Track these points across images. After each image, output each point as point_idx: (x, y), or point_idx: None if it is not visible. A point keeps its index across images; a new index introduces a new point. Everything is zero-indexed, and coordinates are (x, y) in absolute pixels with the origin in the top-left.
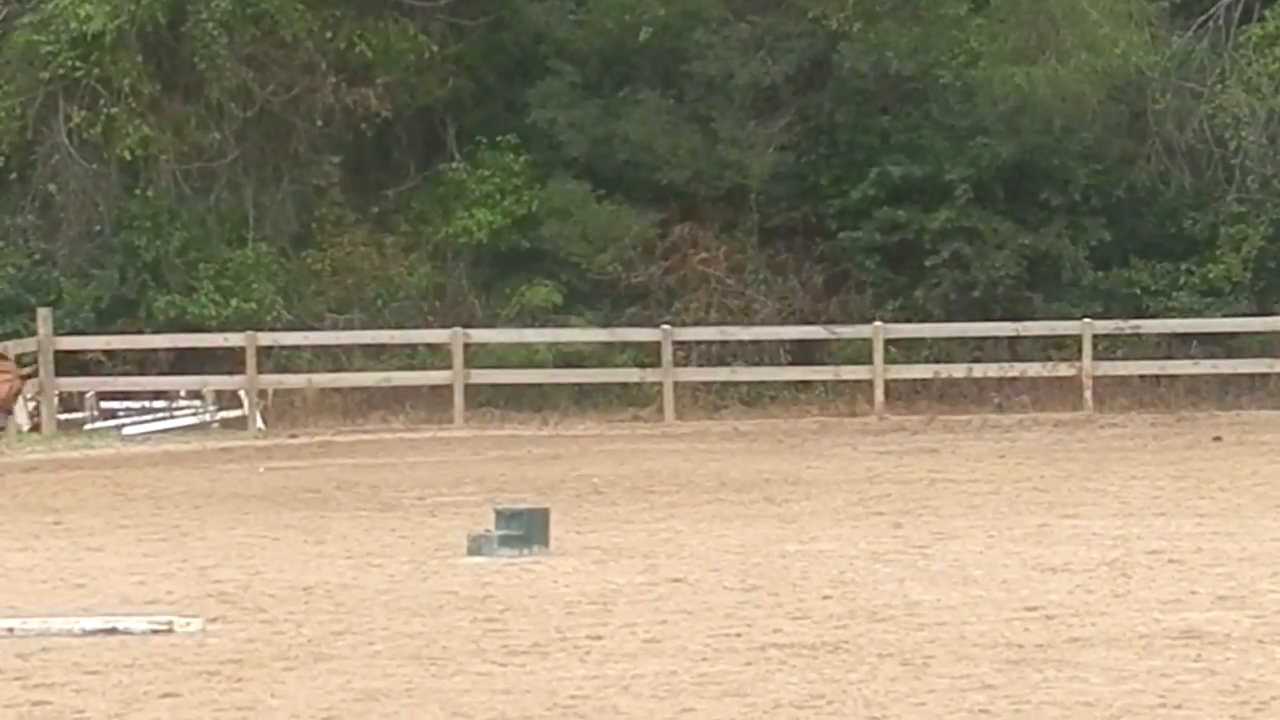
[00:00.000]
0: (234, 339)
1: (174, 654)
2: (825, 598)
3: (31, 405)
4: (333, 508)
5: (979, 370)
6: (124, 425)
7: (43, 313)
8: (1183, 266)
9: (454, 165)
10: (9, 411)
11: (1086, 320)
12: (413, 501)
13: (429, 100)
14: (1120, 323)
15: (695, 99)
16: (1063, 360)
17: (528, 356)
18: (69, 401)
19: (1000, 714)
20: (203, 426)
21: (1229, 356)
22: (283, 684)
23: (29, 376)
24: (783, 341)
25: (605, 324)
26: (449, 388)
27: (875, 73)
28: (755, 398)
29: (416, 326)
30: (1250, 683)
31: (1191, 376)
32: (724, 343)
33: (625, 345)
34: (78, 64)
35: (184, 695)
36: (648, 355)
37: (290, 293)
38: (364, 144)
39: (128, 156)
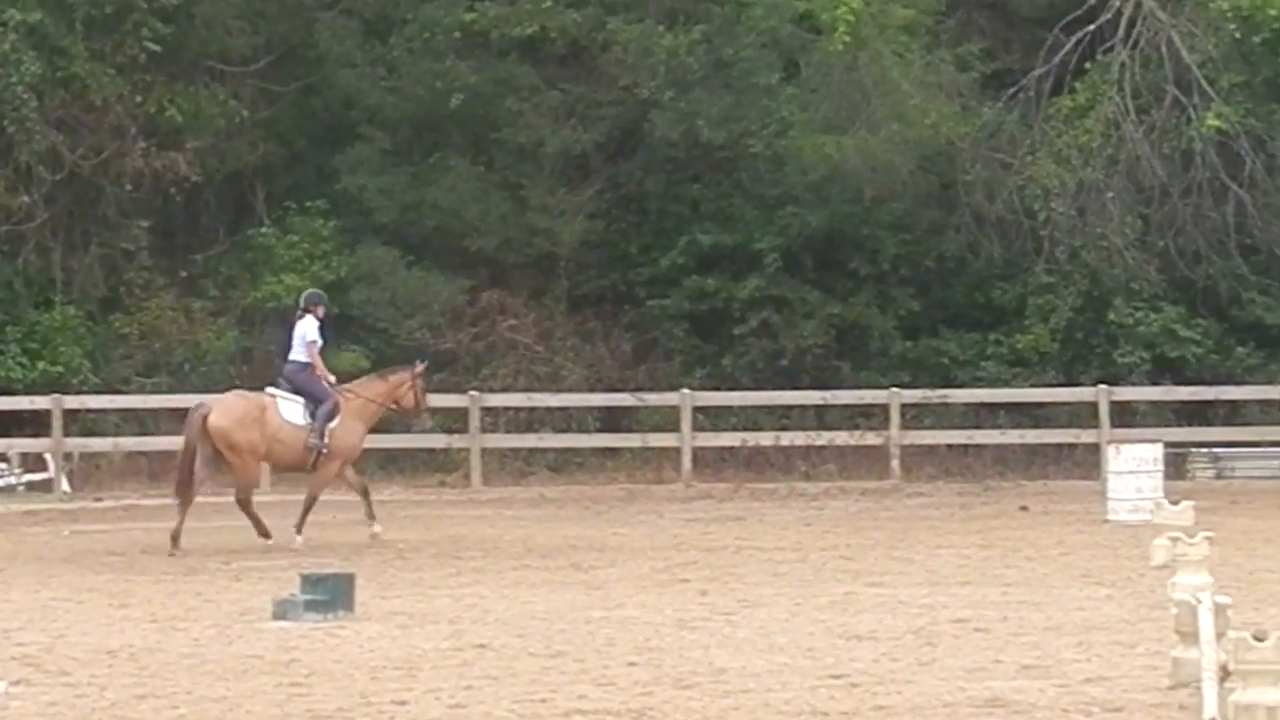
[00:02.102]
0: (40, 402)
1: None
2: (630, 664)
3: None
4: (138, 571)
5: (786, 439)
6: None
7: None
8: (991, 337)
9: (263, 230)
10: None
11: (894, 389)
12: (218, 565)
13: (239, 165)
14: (928, 392)
15: (505, 166)
16: (870, 429)
17: None
18: None
19: None
20: (8, 489)
21: (1036, 427)
22: None
23: None
24: (590, 408)
25: None
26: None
27: (686, 141)
28: (562, 464)
29: (224, 390)
30: None
31: (998, 446)
32: (531, 409)
33: (433, 411)
34: None
35: None
36: (455, 421)
37: (98, 356)
38: (173, 208)
39: None
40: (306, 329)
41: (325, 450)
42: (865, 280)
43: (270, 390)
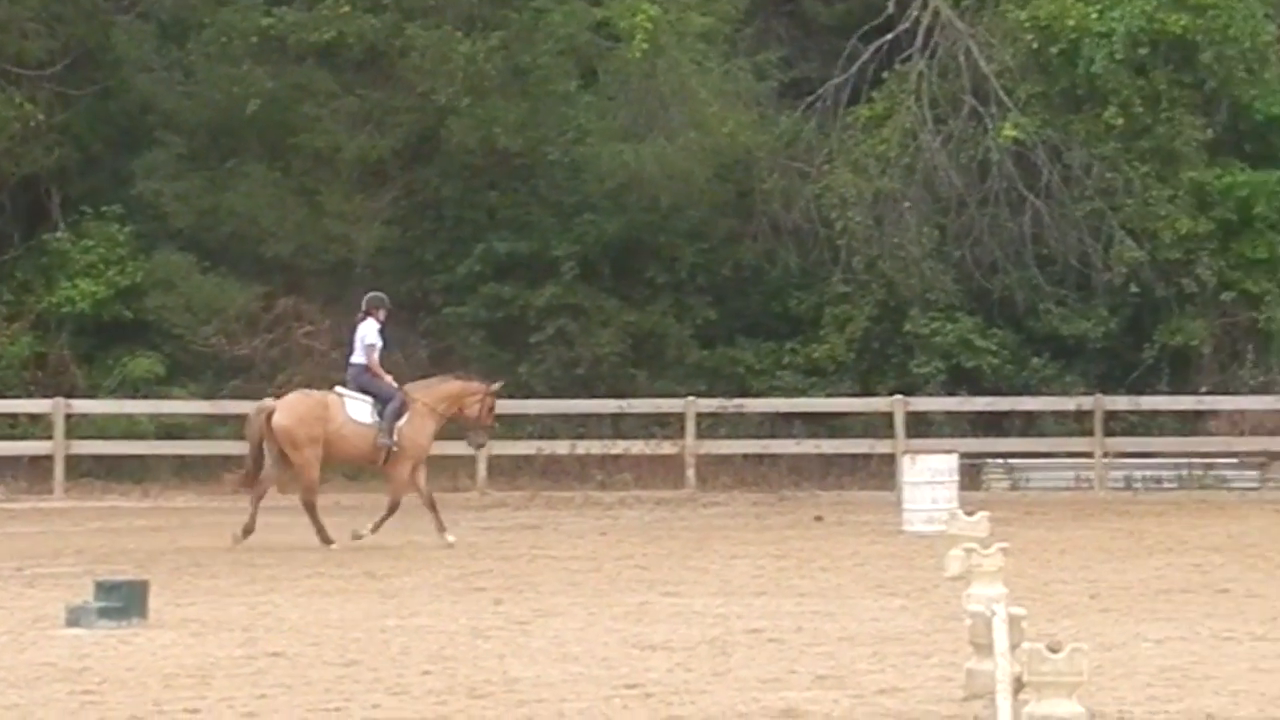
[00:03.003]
0: None
1: None
2: (425, 673)
3: None
4: None
5: (582, 447)
6: None
7: None
8: (787, 346)
9: (58, 235)
10: None
11: (690, 398)
12: (11, 572)
13: (34, 169)
14: (724, 401)
15: (302, 172)
16: (666, 438)
17: (129, 427)
18: None
19: None
20: None
21: (831, 436)
22: None
23: None
24: None
25: (208, 396)
26: (49, 458)
27: (483, 148)
28: (358, 471)
29: (17, 396)
30: None
31: (794, 456)
32: None
33: (228, 418)
34: None
35: None
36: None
37: None
38: None
39: None
40: (366, 332)
41: (395, 448)
42: (662, 288)
43: (338, 389)
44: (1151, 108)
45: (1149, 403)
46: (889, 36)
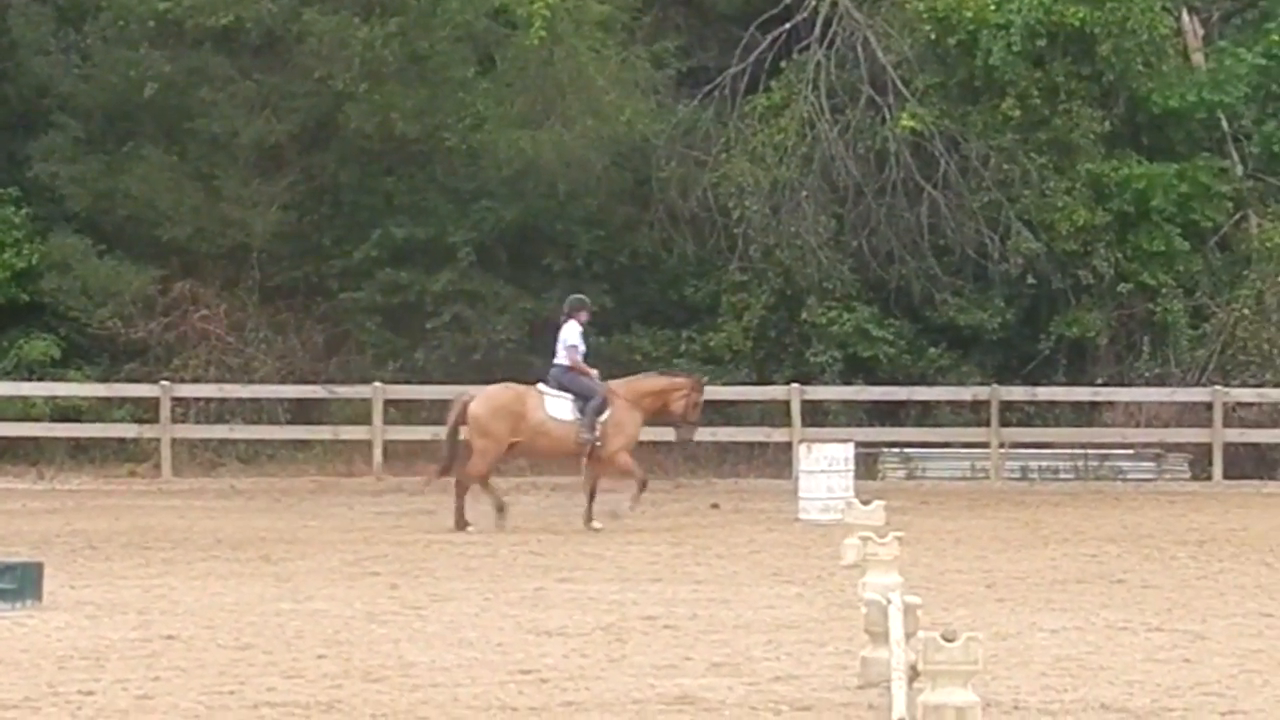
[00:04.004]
0: None
1: None
2: (320, 657)
3: None
4: None
5: None
6: None
7: None
8: (684, 334)
9: None
10: None
11: None
12: None
13: None
14: None
15: (199, 156)
16: None
17: (24, 410)
18: None
19: None
20: None
21: (728, 425)
22: None
23: None
24: (282, 400)
25: (104, 379)
26: None
27: (380, 134)
28: (253, 456)
29: None
30: None
31: (690, 444)
32: (223, 400)
33: (123, 401)
34: None
35: None
36: (146, 411)
37: None
38: None
39: None
40: (568, 334)
41: (598, 443)
42: (559, 275)
43: (540, 386)
44: (1049, 99)
45: (1045, 393)
46: (787, 26)
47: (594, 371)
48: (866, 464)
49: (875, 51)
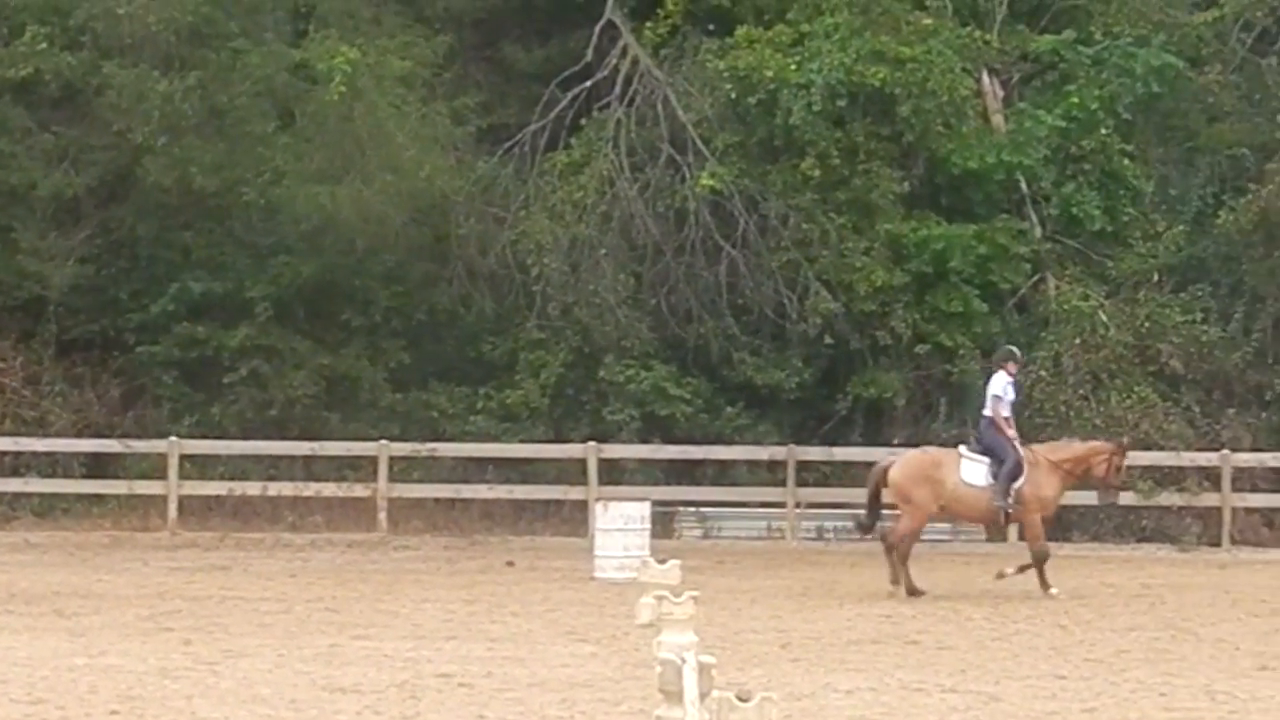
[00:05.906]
0: None
1: None
2: (113, 713)
3: None
4: None
5: (274, 489)
6: None
7: None
8: (481, 391)
9: None
10: None
11: (383, 441)
12: None
13: None
14: (417, 445)
15: None
16: (358, 481)
17: None
18: None
19: None
20: None
21: (524, 482)
22: None
23: None
24: (77, 454)
25: None
26: None
27: (179, 188)
28: (47, 509)
29: None
30: None
31: (486, 501)
32: (18, 453)
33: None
34: None
35: None
36: None
37: None
38: None
39: None
40: (995, 385)
41: (1011, 509)
42: (356, 331)
43: (961, 448)
44: (849, 159)
45: (842, 454)
46: (588, 84)
47: (1012, 432)
48: (663, 523)
49: (675, 110)
